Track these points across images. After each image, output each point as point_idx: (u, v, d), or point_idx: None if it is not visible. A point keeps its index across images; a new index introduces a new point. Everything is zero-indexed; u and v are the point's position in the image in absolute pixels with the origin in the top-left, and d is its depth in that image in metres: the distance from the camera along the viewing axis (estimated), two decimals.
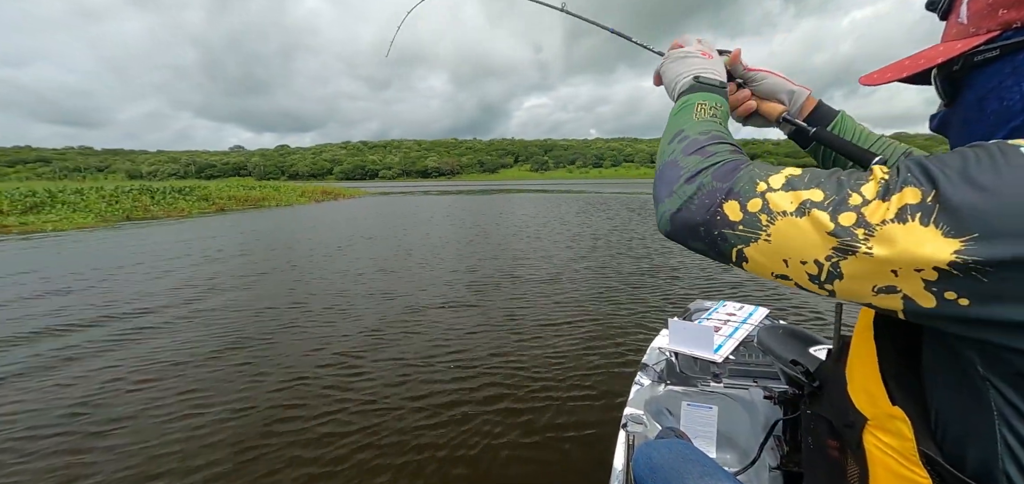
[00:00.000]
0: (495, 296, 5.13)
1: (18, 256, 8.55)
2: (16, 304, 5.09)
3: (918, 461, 0.44)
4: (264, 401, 2.79)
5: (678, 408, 1.56)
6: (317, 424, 2.52)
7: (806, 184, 0.44)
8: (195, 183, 30.96)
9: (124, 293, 5.54)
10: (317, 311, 4.67)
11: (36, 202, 17.01)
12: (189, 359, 3.44)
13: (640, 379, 1.68)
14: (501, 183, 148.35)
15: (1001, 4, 0.43)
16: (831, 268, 0.41)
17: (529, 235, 10.57)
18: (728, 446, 1.54)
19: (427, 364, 3.28)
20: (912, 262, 0.37)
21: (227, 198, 23.62)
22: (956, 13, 0.49)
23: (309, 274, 6.53)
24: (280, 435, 2.42)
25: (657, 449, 0.93)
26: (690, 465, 0.84)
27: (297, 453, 2.28)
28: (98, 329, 4.17)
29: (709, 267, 6.36)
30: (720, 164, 0.50)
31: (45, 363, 3.41)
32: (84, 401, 2.82)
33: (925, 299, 0.38)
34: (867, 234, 0.39)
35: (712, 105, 0.62)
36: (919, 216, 0.37)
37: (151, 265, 7.36)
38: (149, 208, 18.75)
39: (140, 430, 2.50)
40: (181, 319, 4.46)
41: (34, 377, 3.17)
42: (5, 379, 3.14)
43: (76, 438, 2.44)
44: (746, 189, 0.46)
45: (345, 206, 24.08)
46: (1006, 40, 0.43)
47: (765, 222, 0.44)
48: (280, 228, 13.41)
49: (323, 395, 2.85)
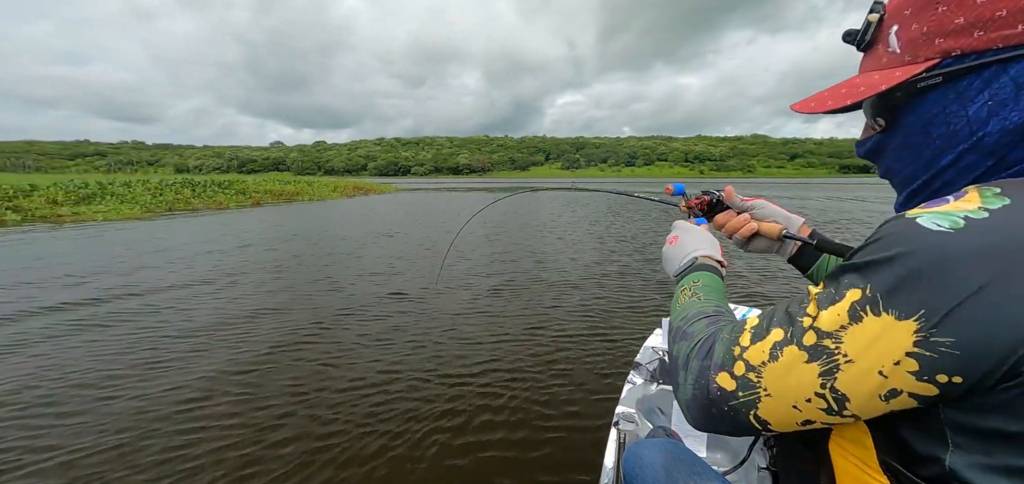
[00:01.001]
0: (503, 294, 5.05)
1: (70, 242, 9.02)
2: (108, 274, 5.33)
3: (878, 468, 0.46)
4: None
5: (670, 407, 1.58)
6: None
7: (766, 329, 0.47)
8: (235, 177, 32.07)
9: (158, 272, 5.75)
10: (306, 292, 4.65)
11: (88, 194, 17.95)
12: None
13: (633, 378, 1.68)
14: (531, 181, 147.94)
15: (937, 33, 0.45)
16: (832, 394, 0.42)
17: (534, 235, 10.46)
18: (718, 446, 1.57)
19: (415, 352, 3.24)
20: (886, 357, 0.38)
21: (263, 192, 24.32)
22: (884, 43, 0.51)
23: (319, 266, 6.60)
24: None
25: (648, 448, 0.94)
26: (680, 465, 0.85)
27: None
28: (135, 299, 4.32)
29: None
30: (699, 343, 0.54)
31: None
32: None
33: (926, 389, 0.38)
34: (835, 344, 0.41)
35: (692, 283, 0.69)
36: (868, 309, 0.39)
37: (192, 250, 7.65)
38: (190, 200, 19.48)
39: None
40: (208, 289, 4.58)
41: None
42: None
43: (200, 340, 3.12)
44: (726, 358, 0.50)
45: (374, 202, 24.48)
46: (947, 68, 0.45)
47: (755, 380, 0.47)
48: (308, 222, 13.70)
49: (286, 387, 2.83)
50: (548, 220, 13.76)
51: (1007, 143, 0.43)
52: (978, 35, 0.43)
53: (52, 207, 15.63)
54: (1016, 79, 0.41)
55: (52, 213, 15.07)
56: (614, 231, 10.79)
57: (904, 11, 0.49)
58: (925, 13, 0.46)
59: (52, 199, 16.45)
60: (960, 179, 0.47)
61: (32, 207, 15.31)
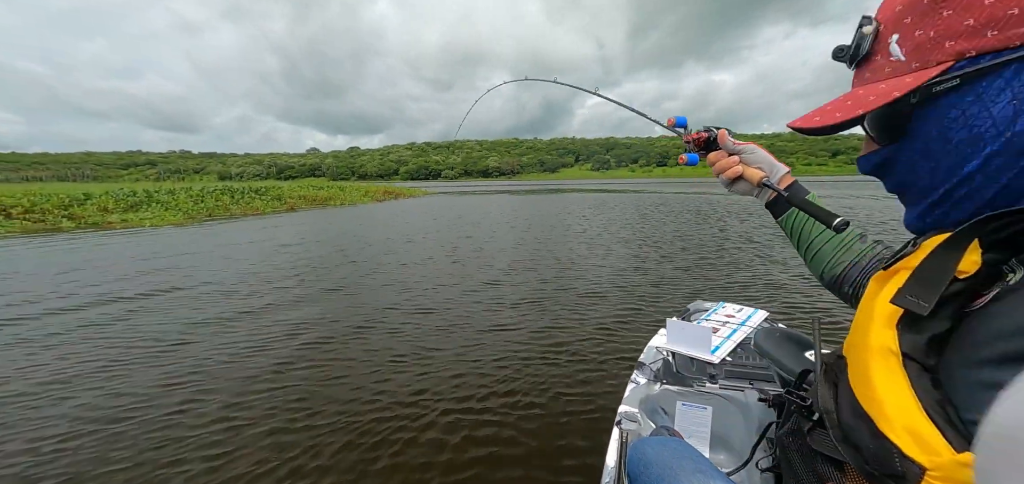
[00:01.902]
0: (517, 301, 5.05)
1: (125, 246, 9.57)
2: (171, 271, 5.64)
3: None
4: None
5: (673, 408, 1.58)
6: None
7: None
8: (271, 184, 33.19)
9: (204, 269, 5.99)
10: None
11: (136, 201, 18.90)
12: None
13: (636, 377, 1.68)
14: (559, 182, 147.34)
15: (946, 36, 0.44)
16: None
17: (544, 237, 10.41)
18: (721, 447, 1.56)
19: (422, 357, 3.28)
20: None
21: (297, 198, 25.05)
22: (884, 53, 0.50)
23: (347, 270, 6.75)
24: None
25: (651, 445, 0.93)
26: (684, 462, 0.85)
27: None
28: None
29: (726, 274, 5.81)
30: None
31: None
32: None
33: None
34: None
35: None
36: None
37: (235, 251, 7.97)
38: (229, 207, 20.23)
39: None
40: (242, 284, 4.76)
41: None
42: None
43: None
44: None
45: (403, 206, 24.91)
46: (962, 69, 0.43)
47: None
48: (336, 226, 14.04)
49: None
50: (574, 224, 13.74)
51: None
52: (991, 34, 0.42)
53: (103, 214, 16.52)
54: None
55: (103, 220, 15.93)
56: (641, 233, 10.70)
57: (904, 19, 0.48)
58: (929, 18, 0.45)
59: (103, 207, 17.40)
60: (989, 185, 0.44)
61: (85, 214, 16.23)
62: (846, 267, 0.76)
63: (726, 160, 0.85)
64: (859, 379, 0.48)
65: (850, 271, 0.75)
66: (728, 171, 0.84)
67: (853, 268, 0.75)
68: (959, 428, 0.39)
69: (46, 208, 16.27)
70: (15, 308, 4.86)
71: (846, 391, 0.50)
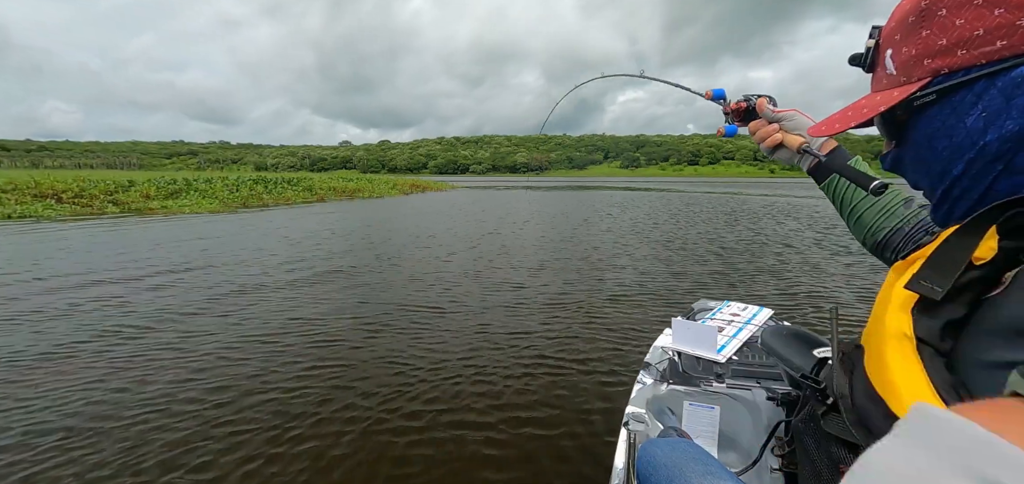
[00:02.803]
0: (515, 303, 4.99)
1: (170, 232, 9.93)
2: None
3: None
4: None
5: (680, 408, 1.57)
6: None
7: None
8: (303, 175, 34.00)
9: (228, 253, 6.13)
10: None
11: (175, 190, 19.63)
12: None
13: (643, 378, 1.67)
14: (587, 180, 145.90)
15: (924, 55, 0.48)
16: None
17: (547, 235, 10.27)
18: (730, 446, 1.55)
19: (434, 362, 3.26)
20: None
21: (327, 189, 25.54)
22: (882, 66, 0.55)
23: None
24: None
25: (661, 447, 0.94)
26: (694, 464, 0.85)
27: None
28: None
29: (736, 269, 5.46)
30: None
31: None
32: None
33: None
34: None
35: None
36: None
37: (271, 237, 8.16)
38: (262, 196, 20.80)
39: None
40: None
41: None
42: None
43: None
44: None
45: (428, 199, 25.09)
46: (938, 85, 0.47)
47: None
48: (360, 217, 14.17)
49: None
50: (598, 222, 13.56)
51: (1009, 149, 0.44)
52: (961, 53, 0.45)
53: (144, 201, 17.23)
54: (1003, 91, 0.43)
55: (145, 206, 16.62)
56: (666, 232, 10.49)
57: (895, 36, 0.52)
58: (912, 37, 0.49)
59: (145, 194, 18.15)
60: (976, 185, 0.47)
61: (128, 200, 16.97)
62: (888, 232, 0.76)
63: (766, 128, 0.86)
64: (874, 364, 0.50)
65: (893, 237, 0.75)
66: (768, 139, 0.85)
67: (896, 233, 0.75)
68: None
69: (93, 194, 17.08)
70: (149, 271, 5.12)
71: (861, 376, 0.52)
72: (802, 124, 0.84)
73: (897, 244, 0.75)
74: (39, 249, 7.75)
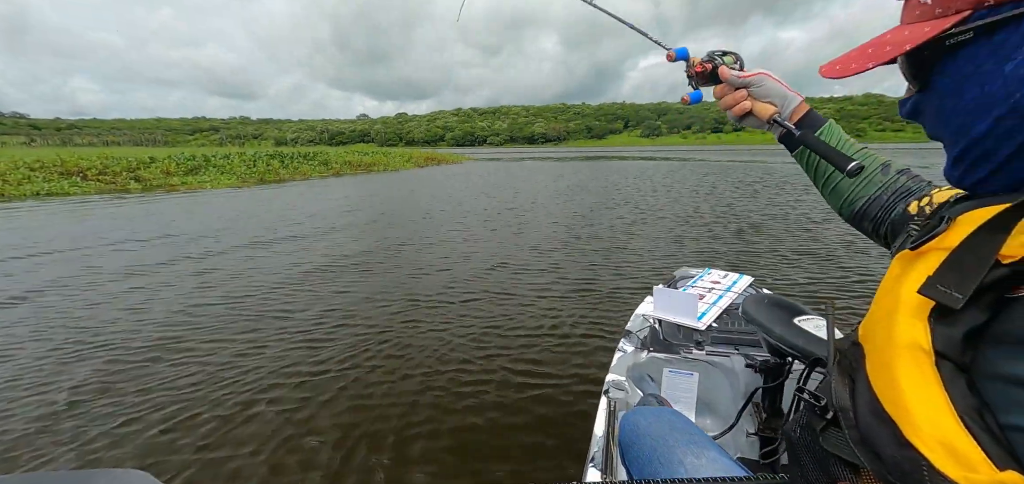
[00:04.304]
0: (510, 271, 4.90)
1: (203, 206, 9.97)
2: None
3: None
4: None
5: (660, 374, 1.59)
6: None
7: None
8: (319, 149, 34.13)
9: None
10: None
11: (195, 165, 19.88)
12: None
13: (623, 346, 1.68)
14: (606, 149, 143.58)
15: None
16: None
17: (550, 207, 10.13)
18: (708, 412, 1.59)
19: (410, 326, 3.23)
20: None
21: (343, 163, 25.58)
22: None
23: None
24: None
25: (644, 415, 0.94)
26: (677, 433, 0.85)
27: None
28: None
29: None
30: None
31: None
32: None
33: None
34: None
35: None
36: None
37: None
38: (279, 171, 20.93)
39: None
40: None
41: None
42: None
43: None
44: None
45: (444, 172, 25.03)
46: (978, 20, 0.40)
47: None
48: (369, 193, 14.07)
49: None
50: (615, 194, 13.25)
51: None
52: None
53: (165, 177, 17.48)
54: None
55: (166, 182, 16.86)
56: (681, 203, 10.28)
57: None
58: None
59: (166, 170, 18.40)
60: (1001, 147, 0.41)
61: (150, 177, 17.24)
62: (866, 202, 0.71)
63: (733, 95, 0.78)
64: (882, 377, 0.43)
65: (870, 207, 0.71)
66: (736, 107, 0.77)
67: (873, 204, 0.70)
68: (999, 439, 0.35)
69: (115, 171, 17.40)
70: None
71: (864, 386, 0.45)
72: (772, 90, 0.76)
73: (875, 214, 0.70)
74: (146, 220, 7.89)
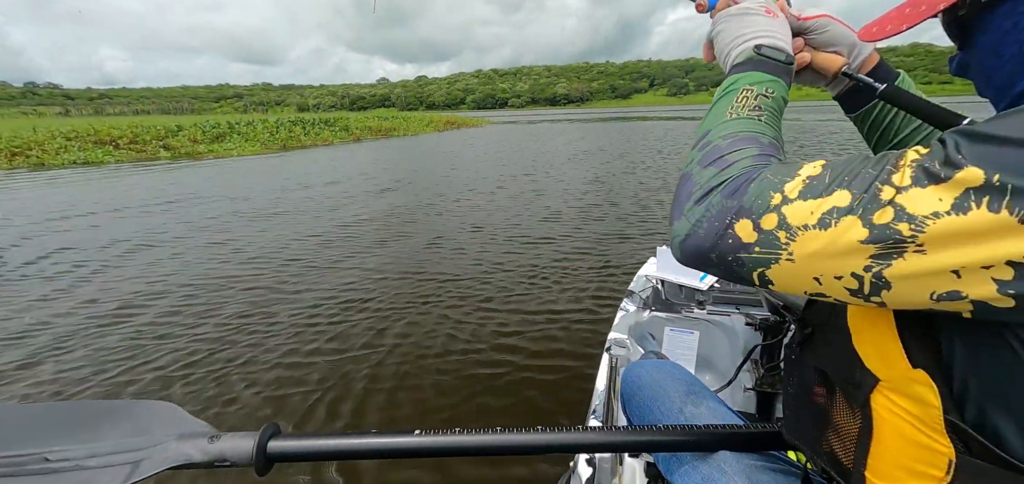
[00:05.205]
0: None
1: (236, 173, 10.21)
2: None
3: (943, 430, 0.39)
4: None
5: (661, 333, 1.63)
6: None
7: (827, 186, 0.37)
8: (340, 115, 34.26)
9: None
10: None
11: (220, 133, 20.21)
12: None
13: (626, 305, 1.72)
14: (630, 110, 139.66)
15: None
16: (874, 279, 0.35)
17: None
18: (707, 369, 1.65)
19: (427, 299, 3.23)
20: (977, 258, 0.31)
21: (363, 128, 25.64)
22: None
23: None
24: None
25: (645, 368, 0.95)
26: (677, 383, 0.86)
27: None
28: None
29: None
30: (732, 179, 0.43)
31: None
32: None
33: (1001, 301, 0.31)
34: (914, 230, 0.33)
35: (760, 91, 0.51)
36: (986, 201, 0.30)
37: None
38: (300, 138, 21.15)
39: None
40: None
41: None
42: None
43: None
44: (758, 204, 0.40)
45: (462, 136, 24.83)
46: None
47: (784, 240, 0.38)
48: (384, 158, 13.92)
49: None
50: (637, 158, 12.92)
51: None
52: None
53: (193, 145, 17.84)
54: None
55: (193, 150, 17.23)
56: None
57: None
58: None
59: (192, 138, 18.77)
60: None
61: (178, 145, 17.62)
62: None
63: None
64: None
65: None
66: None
67: None
68: (928, 344, 0.39)
69: (145, 139, 17.84)
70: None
71: (842, 309, 0.48)
72: (840, 35, 0.62)
73: None
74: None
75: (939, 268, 0.32)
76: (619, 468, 1.16)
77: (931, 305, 0.34)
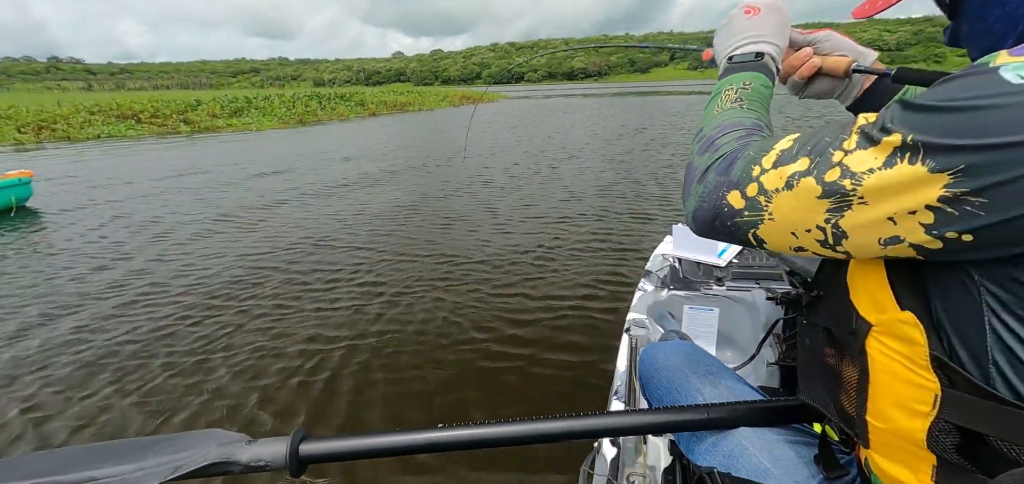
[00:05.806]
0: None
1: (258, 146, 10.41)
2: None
3: (929, 366, 0.43)
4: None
5: (680, 312, 1.60)
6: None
7: (793, 156, 0.45)
8: (355, 90, 34.28)
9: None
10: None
11: (237, 107, 20.48)
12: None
13: (644, 285, 1.71)
14: (650, 84, 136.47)
15: None
16: (833, 230, 0.42)
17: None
18: (728, 346, 1.62)
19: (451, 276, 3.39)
20: (903, 205, 0.37)
21: (379, 103, 25.69)
22: None
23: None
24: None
25: (663, 350, 0.96)
26: (695, 364, 0.87)
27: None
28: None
29: None
30: (722, 158, 0.51)
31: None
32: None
33: (931, 242, 0.38)
34: (854, 184, 0.39)
35: (739, 85, 0.60)
36: (907, 157, 0.37)
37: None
38: (317, 112, 21.33)
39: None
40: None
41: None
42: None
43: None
44: (743, 177, 0.48)
45: (478, 111, 24.60)
46: None
47: (764, 203, 0.46)
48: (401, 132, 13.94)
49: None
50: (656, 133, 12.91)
51: None
52: None
53: (212, 120, 18.16)
54: None
55: (212, 124, 17.54)
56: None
57: None
58: None
59: (212, 112, 19.09)
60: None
61: (198, 119, 17.96)
62: None
63: (796, 55, 0.70)
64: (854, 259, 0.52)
65: None
66: (803, 68, 0.70)
67: None
68: (915, 289, 0.44)
69: (166, 113, 18.21)
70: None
71: (842, 268, 0.53)
72: (843, 43, 0.69)
73: None
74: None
75: (878, 217, 0.39)
76: (643, 446, 1.18)
77: (881, 251, 0.41)
